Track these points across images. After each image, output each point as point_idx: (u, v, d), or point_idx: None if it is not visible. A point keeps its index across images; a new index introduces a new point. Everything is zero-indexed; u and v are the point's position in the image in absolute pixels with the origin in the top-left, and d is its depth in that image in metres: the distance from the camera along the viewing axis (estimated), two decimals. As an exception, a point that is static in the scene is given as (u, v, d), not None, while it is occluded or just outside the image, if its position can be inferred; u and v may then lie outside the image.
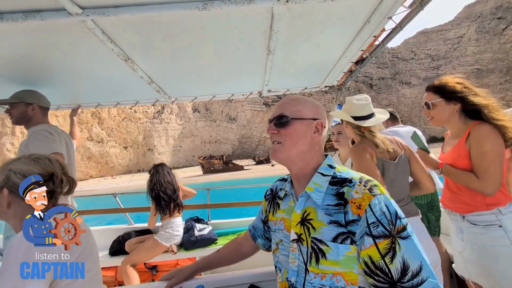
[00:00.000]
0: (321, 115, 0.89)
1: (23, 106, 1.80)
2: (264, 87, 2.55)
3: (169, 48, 1.57)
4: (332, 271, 0.73)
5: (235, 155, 68.83)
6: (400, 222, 0.70)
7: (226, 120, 73.13)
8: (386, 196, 0.74)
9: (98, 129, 60.89)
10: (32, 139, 1.70)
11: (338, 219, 0.75)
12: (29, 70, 1.71)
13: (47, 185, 0.93)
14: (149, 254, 2.48)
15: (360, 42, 1.75)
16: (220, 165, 42.97)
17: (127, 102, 2.57)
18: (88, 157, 57.01)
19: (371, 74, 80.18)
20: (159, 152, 64.75)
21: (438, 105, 1.44)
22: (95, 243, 1.05)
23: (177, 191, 2.71)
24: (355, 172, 0.83)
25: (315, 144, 0.87)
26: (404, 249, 0.68)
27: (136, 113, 66.36)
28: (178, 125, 69.71)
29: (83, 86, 2.11)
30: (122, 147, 63.14)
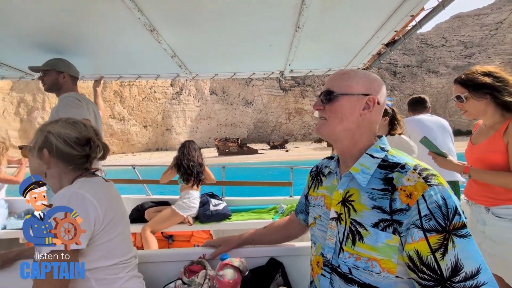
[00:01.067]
0: (375, 90, 0.82)
1: (55, 74, 1.87)
2: (286, 67, 2.50)
3: (196, 20, 1.55)
4: (367, 255, 0.72)
5: (250, 139, 69.14)
6: (459, 219, 0.64)
7: (243, 104, 72.92)
8: (445, 187, 0.67)
9: (120, 107, 62.80)
10: (62, 105, 1.78)
11: (382, 205, 0.71)
12: (57, 38, 1.75)
13: (84, 149, 0.98)
14: (167, 222, 2.63)
15: (396, 21, 1.64)
16: (235, 148, 43.43)
17: (149, 76, 2.60)
18: (110, 134, 59.42)
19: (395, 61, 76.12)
20: (177, 132, 66.19)
21: (471, 98, 1.36)
22: (126, 209, 1.10)
23: (201, 166, 2.81)
24: (411, 159, 0.77)
25: (365, 122, 0.82)
26: (459, 248, 0.62)
27: (156, 93, 67.53)
28: (195, 106, 70.44)
29: (107, 57, 2.15)
30: (142, 126, 65.02)
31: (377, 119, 0.84)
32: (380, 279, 0.70)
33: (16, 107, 53.17)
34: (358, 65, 2.62)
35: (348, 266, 0.75)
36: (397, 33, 1.86)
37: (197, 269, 1.17)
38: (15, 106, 53.06)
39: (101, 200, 0.92)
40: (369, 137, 0.83)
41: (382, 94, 0.83)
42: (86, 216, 0.86)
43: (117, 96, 63.69)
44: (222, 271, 1.09)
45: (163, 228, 2.69)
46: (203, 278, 1.10)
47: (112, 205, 0.97)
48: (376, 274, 0.70)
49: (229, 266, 1.11)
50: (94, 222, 0.88)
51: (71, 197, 0.86)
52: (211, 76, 2.72)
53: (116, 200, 1.03)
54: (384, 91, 0.84)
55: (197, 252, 1.25)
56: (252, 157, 35.54)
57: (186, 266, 1.19)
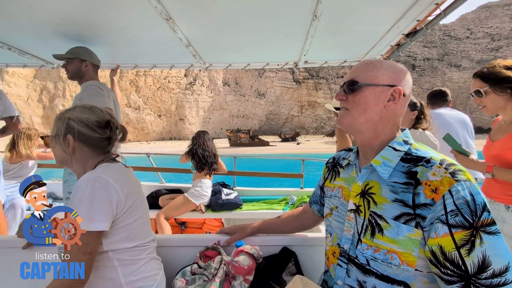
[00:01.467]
0: (401, 81, 0.79)
1: (78, 62, 1.91)
2: (301, 58, 2.46)
3: (212, 9, 1.55)
4: (387, 247, 0.71)
5: (261, 131, 69.08)
6: (488, 215, 0.62)
7: (255, 96, 72.61)
8: (472, 183, 0.66)
9: (136, 96, 64.07)
10: (85, 93, 1.82)
11: (405, 199, 0.70)
12: (76, 27, 1.78)
13: (105, 131, 1.02)
14: (180, 209, 2.72)
15: (419, 10, 1.56)
16: (247, 139, 43.60)
17: (163, 66, 2.64)
18: (126, 122, 61.00)
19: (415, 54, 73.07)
20: (190, 122, 67.02)
21: (491, 93, 1.30)
22: (144, 194, 1.14)
23: (215, 157, 2.87)
24: (435, 153, 0.75)
25: (389, 114, 0.79)
26: (487, 244, 0.61)
27: (170, 83, 68.26)
28: (208, 97, 70.80)
29: (123, 46, 2.18)
30: (157, 115, 66.24)
31: (401, 112, 0.81)
32: (399, 271, 0.70)
33: (39, 94, 55.29)
34: (375, 56, 2.53)
35: (366, 257, 0.75)
36: (419, 23, 1.76)
37: (212, 254, 1.22)
38: (38, 93, 55.15)
39: (122, 184, 0.95)
40: (392, 129, 0.81)
41: (408, 85, 0.80)
42: (109, 199, 0.90)
43: (132, 85, 64.89)
44: (237, 257, 1.13)
45: (176, 215, 2.78)
46: (218, 263, 1.15)
47: (133, 190, 1.01)
48: (395, 266, 0.70)
49: (244, 253, 1.15)
50: (116, 206, 0.92)
51: (95, 181, 0.90)
52: (224, 66, 2.73)
53: (136, 185, 1.07)
54: (410, 82, 0.81)
55: (212, 238, 1.30)
56: (263, 149, 35.60)
57: (201, 251, 1.24)
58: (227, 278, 1.13)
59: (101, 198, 0.89)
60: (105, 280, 0.94)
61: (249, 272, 1.11)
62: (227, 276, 1.14)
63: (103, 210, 0.88)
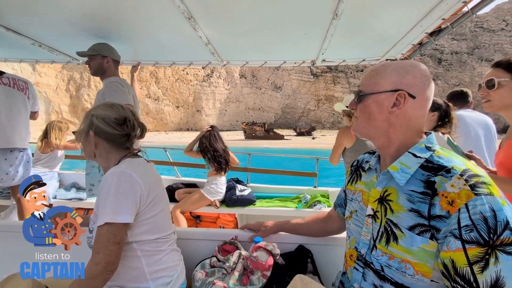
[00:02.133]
0: (407, 83, 0.76)
1: (100, 58, 1.97)
2: (319, 56, 2.42)
3: (232, 8, 1.56)
4: (401, 256, 0.70)
5: (276, 124, 68.72)
6: (509, 234, 0.58)
7: (271, 89, 72.03)
8: (496, 198, 0.61)
9: (155, 87, 65.51)
10: (107, 89, 1.89)
11: (420, 209, 0.69)
12: (101, 25, 1.83)
13: (123, 128, 1.06)
14: (195, 205, 2.80)
15: (445, 8, 1.49)
16: (262, 132, 43.60)
17: (182, 63, 2.69)
18: (146, 113, 62.73)
19: (442, 47, 69.10)
20: (206, 114, 67.80)
21: (506, 86, 1.15)
22: (165, 189, 1.19)
23: (225, 153, 2.91)
24: (461, 161, 0.70)
25: (400, 119, 0.77)
26: (503, 265, 0.57)
27: (188, 75, 69.07)
28: (225, 89, 71.09)
29: (145, 44, 2.23)
30: (175, 106, 67.51)
31: (416, 114, 0.77)
32: (414, 281, 0.69)
33: (67, 84, 57.86)
34: (395, 56, 2.46)
35: (380, 264, 0.75)
36: (444, 21, 1.69)
37: (230, 249, 1.26)
38: (66, 83, 57.72)
39: (145, 179, 1.00)
40: (407, 134, 0.78)
41: (416, 85, 0.76)
42: (133, 193, 0.95)
43: (152, 76, 66.27)
44: (255, 253, 1.16)
45: (191, 209, 2.87)
46: (237, 258, 1.19)
47: (154, 184, 1.06)
48: (409, 276, 0.69)
49: (262, 249, 1.18)
50: (139, 199, 0.96)
51: (120, 176, 0.95)
52: (241, 64, 2.74)
53: (157, 180, 1.12)
54: (420, 81, 0.76)
55: (229, 233, 1.34)
56: (278, 143, 35.49)
57: (220, 245, 1.28)
58: (245, 272, 1.17)
59: (126, 192, 0.94)
60: (131, 269, 0.99)
61: (268, 268, 1.14)
62: (245, 271, 1.17)
63: (128, 203, 0.93)
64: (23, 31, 1.95)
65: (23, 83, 2.35)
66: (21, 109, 2.29)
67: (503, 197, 0.63)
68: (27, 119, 2.35)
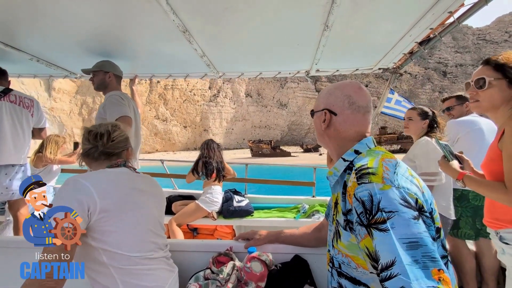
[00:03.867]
0: (330, 103, 0.89)
1: (102, 74, 2.06)
2: (313, 66, 2.47)
3: (225, 21, 1.61)
4: (344, 252, 0.79)
5: (283, 141, 68.74)
6: (381, 215, 0.65)
7: (277, 106, 72.86)
8: (373, 184, 0.68)
9: (164, 109, 67.18)
10: (108, 102, 1.96)
11: (343, 207, 0.78)
12: (100, 41, 1.91)
13: (92, 142, 1.12)
14: (192, 216, 2.78)
15: (432, 18, 1.56)
16: (268, 149, 43.61)
17: (178, 75, 2.75)
18: (155, 133, 63.94)
19: (446, 60, 69.31)
20: (213, 133, 68.57)
21: (496, 86, 1.08)
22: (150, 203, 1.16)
23: (221, 164, 2.93)
24: (370, 158, 0.77)
25: (332, 132, 0.89)
26: (377, 240, 0.64)
27: (195, 96, 70.80)
28: (231, 108, 72.27)
29: (141, 57, 2.30)
30: (182, 127, 68.70)
31: (344, 127, 0.87)
32: (360, 274, 0.76)
33: (80, 108, 60.05)
34: (388, 65, 2.51)
35: (338, 261, 0.83)
36: (432, 31, 1.74)
37: (225, 260, 1.24)
38: (79, 107, 59.93)
39: (104, 188, 0.98)
40: (341, 143, 0.88)
41: (339, 105, 0.87)
42: (76, 200, 0.91)
43: (161, 98, 68.20)
44: (249, 264, 1.15)
45: (188, 222, 2.84)
46: (231, 269, 1.18)
47: (124, 195, 1.04)
48: (354, 269, 0.76)
49: (256, 259, 1.16)
50: (86, 206, 0.92)
51: (68, 183, 0.95)
52: (237, 75, 2.79)
53: (134, 190, 1.09)
54: (342, 101, 0.87)
55: (225, 244, 1.32)
56: (285, 160, 35.28)
57: (214, 257, 1.26)
58: (239, 284, 1.15)
59: (67, 198, 0.91)
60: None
61: (261, 278, 1.12)
62: (239, 282, 1.16)
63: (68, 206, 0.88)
64: (22, 47, 2.04)
65: (29, 100, 2.43)
66: (24, 126, 2.36)
67: (387, 182, 0.68)
68: (29, 135, 2.43)
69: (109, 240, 0.96)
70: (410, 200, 0.67)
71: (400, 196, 0.66)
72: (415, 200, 0.68)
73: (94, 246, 0.95)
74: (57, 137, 3.14)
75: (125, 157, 1.20)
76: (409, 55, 2.23)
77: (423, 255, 0.61)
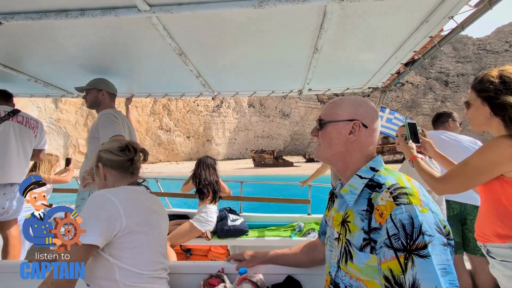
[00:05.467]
0: (361, 115, 0.86)
1: (95, 92, 2.06)
2: (305, 86, 2.54)
3: (220, 44, 1.68)
4: (355, 275, 0.74)
5: (286, 151, 68.61)
6: (422, 239, 0.62)
7: (280, 116, 73.15)
8: (414, 206, 0.66)
9: (167, 119, 67.75)
10: (100, 121, 1.94)
11: (365, 226, 0.74)
12: (96, 61, 1.96)
13: (125, 153, 1.15)
14: (185, 237, 2.75)
15: (414, 42, 1.64)
16: (271, 159, 43.52)
17: (174, 94, 2.82)
18: (158, 144, 64.27)
19: (447, 70, 69.64)
20: (216, 143, 68.77)
21: (474, 105, 1.17)
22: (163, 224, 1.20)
23: (217, 184, 2.91)
24: (396, 178, 0.76)
25: (355, 145, 0.85)
26: (418, 268, 0.61)
27: (199, 107, 71.46)
28: (234, 119, 72.67)
29: (138, 77, 2.37)
30: (186, 137, 69.04)
31: (368, 141, 0.86)
32: None
33: (85, 119, 60.82)
34: (377, 84, 2.56)
35: (344, 284, 0.78)
36: (416, 53, 1.83)
37: (216, 282, 1.21)
38: (85, 118, 60.68)
39: (129, 205, 1.00)
40: (360, 159, 0.85)
41: (369, 117, 0.86)
42: (106, 215, 0.94)
43: (165, 109, 68.92)
44: (240, 285, 1.13)
45: (182, 242, 2.80)
46: None
47: (143, 215, 1.07)
48: None
49: (247, 281, 1.14)
50: (115, 223, 0.95)
51: (97, 197, 0.98)
52: (232, 94, 2.86)
53: (152, 212, 1.13)
54: (371, 114, 0.87)
55: (216, 265, 1.30)
56: (287, 170, 35.13)
57: (205, 279, 1.24)
58: None
59: (97, 213, 0.93)
60: None
61: None
62: None
63: (97, 224, 0.91)
64: (20, 67, 2.09)
65: (35, 122, 2.49)
66: (27, 146, 2.39)
67: (424, 205, 0.67)
68: (29, 155, 2.46)
69: (125, 256, 0.98)
70: (441, 226, 0.66)
71: (434, 221, 0.66)
72: (444, 226, 0.67)
73: (111, 261, 0.96)
74: (50, 156, 3.17)
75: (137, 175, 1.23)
76: (397, 75, 2.29)
77: (450, 282, 0.61)
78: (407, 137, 1.47)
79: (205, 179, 2.85)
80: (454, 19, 1.35)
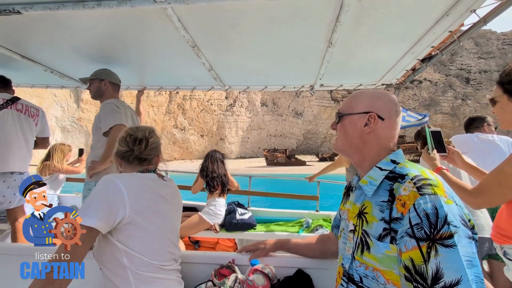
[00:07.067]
0: (377, 107, 0.86)
1: (97, 82, 2.08)
2: (317, 81, 2.51)
3: (233, 37, 1.68)
4: (373, 265, 0.75)
5: (299, 150, 68.04)
6: (447, 229, 0.63)
7: (292, 115, 72.58)
8: (438, 196, 0.66)
9: (182, 118, 68.88)
10: (102, 111, 1.96)
11: (385, 216, 0.74)
12: (112, 53, 1.99)
13: (127, 144, 1.19)
14: (194, 229, 2.81)
15: (433, 37, 1.59)
16: (283, 158, 43.31)
17: (186, 87, 2.84)
18: (173, 142, 65.49)
19: (469, 66, 66.47)
20: (229, 142, 69.23)
21: (500, 101, 1.12)
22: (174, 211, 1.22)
23: (225, 177, 2.94)
24: (419, 170, 0.77)
25: (371, 138, 0.86)
26: (442, 257, 0.61)
27: (212, 106, 72.15)
28: (247, 118, 72.82)
29: (151, 70, 2.39)
30: (199, 135, 69.92)
31: (385, 134, 0.86)
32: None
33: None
34: (391, 81, 2.50)
35: (359, 275, 0.79)
36: (433, 49, 1.76)
37: (227, 273, 1.25)
38: (97, 115, 62.80)
39: (134, 190, 1.02)
40: (378, 151, 0.85)
41: (385, 109, 0.86)
42: (109, 197, 0.96)
43: (180, 108, 70.07)
44: (252, 276, 1.15)
45: (190, 234, 2.87)
46: (233, 282, 1.18)
47: (150, 200, 1.08)
48: (382, 285, 0.72)
49: (259, 272, 1.17)
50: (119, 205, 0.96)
51: (102, 181, 1.01)
52: (243, 88, 2.86)
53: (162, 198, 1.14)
54: (389, 106, 0.86)
55: (227, 256, 1.33)
56: (300, 169, 34.83)
57: (216, 269, 1.27)
58: None
59: (101, 195, 0.96)
60: None
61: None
62: None
63: (99, 207, 0.92)
64: (37, 58, 2.16)
65: (35, 110, 2.50)
66: (28, 135, 2.40)
67: (449, 197, 0.68)
68: (31, 144, 2.47)
69: (133, 243, 1.00)
70: (466, 219, 0.66)
71: (459, 213, 0.66)
72: (468, 220, 0.67)
73: (118, 247, 0.98)
74: (63, 145, 3.24)
75: (155, 164, 1.26)
76: (412, 71, 2.22)
77: (476, 275, 0.60)
78: (429, 147, 1.39)
79: (213, 171, 2.89)
80: (476, 13, 1.29)
